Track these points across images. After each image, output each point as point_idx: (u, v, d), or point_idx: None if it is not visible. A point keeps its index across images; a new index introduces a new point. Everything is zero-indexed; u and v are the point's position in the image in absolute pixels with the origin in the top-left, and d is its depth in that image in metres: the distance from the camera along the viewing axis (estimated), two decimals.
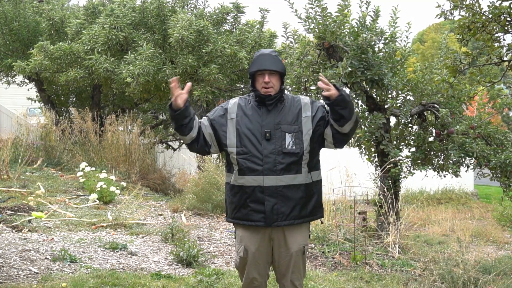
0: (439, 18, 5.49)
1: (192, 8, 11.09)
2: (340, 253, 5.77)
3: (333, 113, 3.07)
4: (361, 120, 6.53)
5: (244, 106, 3.20)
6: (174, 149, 15.39)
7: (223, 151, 3.25)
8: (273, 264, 3.30)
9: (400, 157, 6.48)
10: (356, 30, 6.20)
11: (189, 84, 3.12)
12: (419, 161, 6.62)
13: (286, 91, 3.33)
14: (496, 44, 5.38)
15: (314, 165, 3.21)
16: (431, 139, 6.74)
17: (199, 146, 3.22)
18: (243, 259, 3.21)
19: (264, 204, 3.09)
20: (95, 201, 7.49)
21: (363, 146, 6.92)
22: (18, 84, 13.75)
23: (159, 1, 9.92)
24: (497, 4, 5.06)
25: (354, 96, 6.49)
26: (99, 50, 9.64)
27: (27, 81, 13.41)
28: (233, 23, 10.90)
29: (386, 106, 6.48)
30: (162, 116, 15.30)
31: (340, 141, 3.19)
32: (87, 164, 8.44)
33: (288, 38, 6.72)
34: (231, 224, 7.06)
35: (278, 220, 3.10)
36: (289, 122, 3.14)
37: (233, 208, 3.20)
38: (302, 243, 3.21)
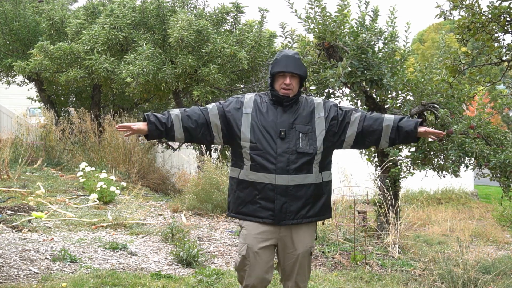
0: (438, 18, 5.49)
1: (192, 8, 11.09)
2: (340, 253, 5.77)
3: (403, 141, 3.24)
4: None
5: (260, 104, 3.17)
6: (174, 149, 15.40)
7: (228, 143, 3.21)
8: (278, 265, 3.26)
9: (399, 157, 6.48)
10: (356, 30, 6.20)
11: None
12: (418, 161, 6.62)
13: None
14: (496, 44, 5.39)
15: (326, 165, 3.20)
16: (430, 139, 6.74)
17: (196, 139, 3.19)
18: (244, 259, 3.14)
19: (274, 202, 3.07)
20: (95, 201, 7.49)
21: None
22: (18, 84, 13.77)
23: (158, 1, 9.93)
24: (496, 4, 5.06)
25: (354, 96, 6.50)
26: (99, 50, 9.64)
27: (27, 81, 13.42)
28: (233, 23, 10.90)
29: (386, 106, 6.48)
30: None
31: (361, 147, 3.37)
32: (87, 164, 8.44)
33: (286, 38, 6.73)
34: (231, 224, 7.08)
35: (287, 219, 3.09)
36: (303, 122, 3.14)
37: (239, 203, 3.16)
38: (309, 244, 3.19)
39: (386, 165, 6.30)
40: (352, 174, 6.75)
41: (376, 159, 6.87)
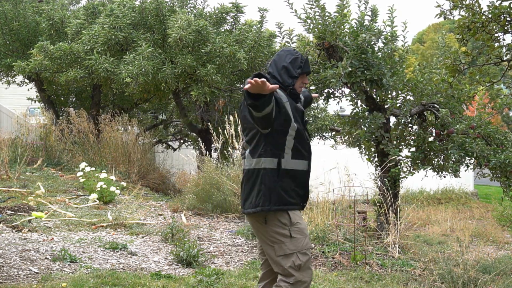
0: (438, 17, 5.50)
1: (192, 8, 11.08)
2: (340, 253, 5.77)
3: None
4: (361, 120, 6.54)
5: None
6: (174, 149, 15.41)
7: (271, 129, 3.04)
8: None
9: (400, 157, 6.47)
10: (356, 30, 6.20)
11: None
12: (418, 161, 6.62)
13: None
14: (496, 44, 5.39)
15: None
16: (431, 139, 6.74)
17: (270, 120, 3.03)
18: (309, 251, 3.14)
19: (305, 188, 3.20)
20: (95, 201, 7.49)
21: (363, 146, 6.92)
22: (18, 84, 13.76)
23: (157, 1, 9.91)
24: (497, 4, 5.07)
25: (354, 96, 6.50)
26: (99, 50, 9.63)
27: (27, 81, 13.42)
28: (233, 23, 10.89)
29: (386, 106, 6.48)
30: (162, 116, 15.32)
31: None
32: (86, 164, 8.44)
33: (284, 38, 6.75)
34: (231, 224, 7.09)
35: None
36: None
37: (283, 194, 3.06)
38: None
39: (386, 165, 6.30)
40: (356, 174, 6.74)
41: (376, 159, 6.87)
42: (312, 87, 6.74)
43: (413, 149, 6.83)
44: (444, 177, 6.82)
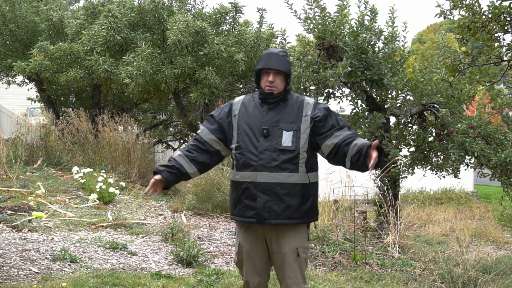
0: (438, 17, 5.51)
1: (190, 8, 11.07)
2: (340, 253, 5.77)
3: (358, 166, 3.07)
4: (361, 120, 6.54)
5: (248, 103, 3.19)
6: (174, 149, 15.40)
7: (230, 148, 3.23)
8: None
9: (400, 157, 6.48)
10: (356, 30, 6.21)
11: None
12: (417, 161, 6.63)
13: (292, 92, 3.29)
14: (496, 44, 5.40)
15: (311, 165, 3.12)
16: (431, 139, 6.75)
17: (211, 163, 3.25)
18: (238, 256, 3.21)
19: (256, 201, 3.03)
20: (95, 201, 7.49)
21: None
22: (18, 84, 13.77)
23: (155, 1, 9.87)
24: (497, 4, 5.07)
25: (354, 96, 6.50)
26: (99, 50, 9.62)
27: (27, 81, 13.42)
28: (232, 23, 10.86)
29: (386, 106, 6.48)
30: (162, 116, 15.32)
31: (335, 164, 3.20)
32: (78, 169, 8.54)
33: (277, 37, 6.79)
34: (231, 224, 7.09)
35: (270, 218, 3.02)
36: (288, 120, 3.09)
37: (231, 204, 3.20)
38: (294, 245, 3.09)
39: (386, 165, 6.30)
40: (356, 175, 6.72)
41: None
42: (312, 87, 6.75)
43: (412, 149, 6.83)
44: (444, 177, 6.82)
